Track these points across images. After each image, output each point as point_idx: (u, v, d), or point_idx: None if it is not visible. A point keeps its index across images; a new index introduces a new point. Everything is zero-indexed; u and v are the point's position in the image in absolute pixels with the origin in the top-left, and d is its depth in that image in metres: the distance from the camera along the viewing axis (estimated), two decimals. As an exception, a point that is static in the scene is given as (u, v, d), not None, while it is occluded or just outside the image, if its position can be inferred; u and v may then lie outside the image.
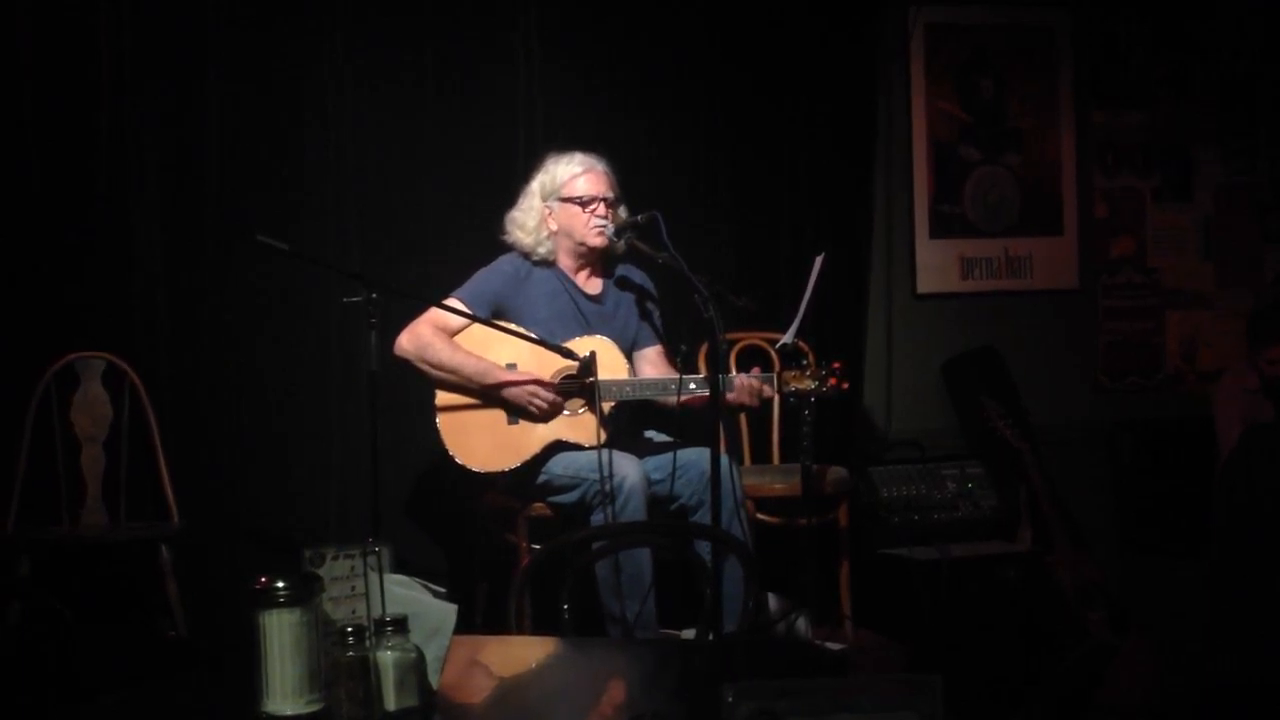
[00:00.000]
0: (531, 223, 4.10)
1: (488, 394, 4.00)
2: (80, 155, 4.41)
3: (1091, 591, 4.15)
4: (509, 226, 4.14)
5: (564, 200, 4.08)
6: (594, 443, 3.88)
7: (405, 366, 4.04)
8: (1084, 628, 4.04)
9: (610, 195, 4.08)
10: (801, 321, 4.10)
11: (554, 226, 4.11)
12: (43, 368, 4.29)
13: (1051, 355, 5.71)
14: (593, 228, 4.05)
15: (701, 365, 4.41)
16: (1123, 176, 5.87)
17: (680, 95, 5.00)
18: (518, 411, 4.00)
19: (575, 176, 4.08)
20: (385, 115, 4.67)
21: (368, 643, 1.96)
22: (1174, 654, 3.92)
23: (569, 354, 3.90)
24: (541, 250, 4.11)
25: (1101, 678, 3.84)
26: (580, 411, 4.01)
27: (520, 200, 4.15)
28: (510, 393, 3.98)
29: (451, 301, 4.03)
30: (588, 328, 4.08)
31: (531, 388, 3.96)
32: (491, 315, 4.04)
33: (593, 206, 4.06)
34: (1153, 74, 5.85)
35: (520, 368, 4.02)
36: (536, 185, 4.13)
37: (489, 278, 4.11)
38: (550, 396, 3.96)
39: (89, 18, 4.39)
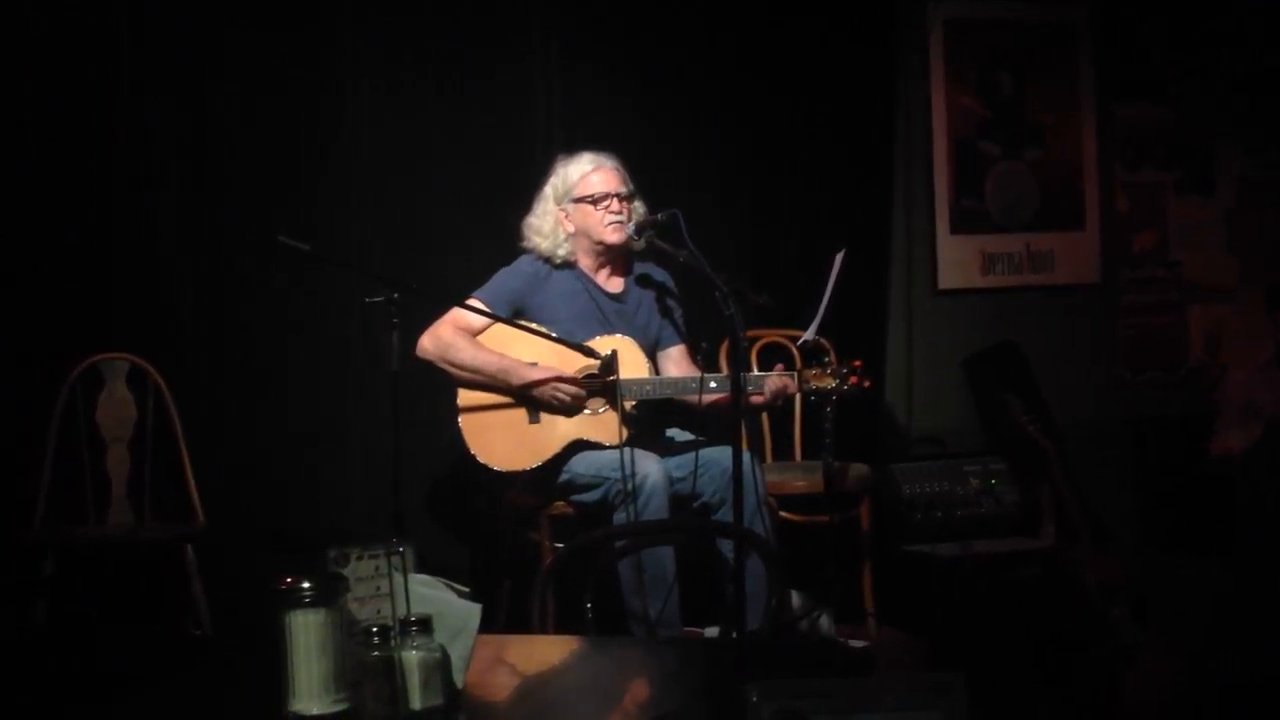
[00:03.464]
0: (548, 227, 4.11)
1: (510, 392, 4.01)
2: (102, 159, 4.43)
3: (1114, 588, 4.13)
4: (527, 233, 4.16)
5: (577, 200, 4.08)
6: (615, 441, 3.89)
7: (428, 367, 4.05)
8: (1107, 625, 4.02)
9: (623, 190, 4.09)
10: (822, 318, 4.09)
11: (571, 228, 4.11)
12: (67, 369, 4.32)
13: (1074, 350, 5.69)
14: (608, 224, 4.06)
15: (723, 363, 4.41)
16: (1144, 170, 5.84)
17: (698, 93, 5.00)
18: (541, 408, 4.01)
19: (586, 175, 4.09)
20: (405, 117, 4.68)
21: (393, 642, 1.97)
22: (1197, 650, 3.91)
23: (590, 352, 3.91)
24: (561, 253, 4.12)
25: (1124, 675, 3.83)
26: (601, 410, 4.01)
27: (535, 206, 4.16)
28: (535, 390, 3.98)
29: (472, 302, 4.04)
30: (608, 327, 4.09)
31: (554, 382, 3.97)
32: (512, 315, 4.05)
33: (606, 203, 4.06)
34: (1173, 67, 5.82)
35: (541, 366, 4.02)
36: (550, 189, 4.14)
37: (509, 278, 4.12)
38: (574, 389, 3.96)
39: (108, 22, 4.41)
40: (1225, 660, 3.67)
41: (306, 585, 1.96)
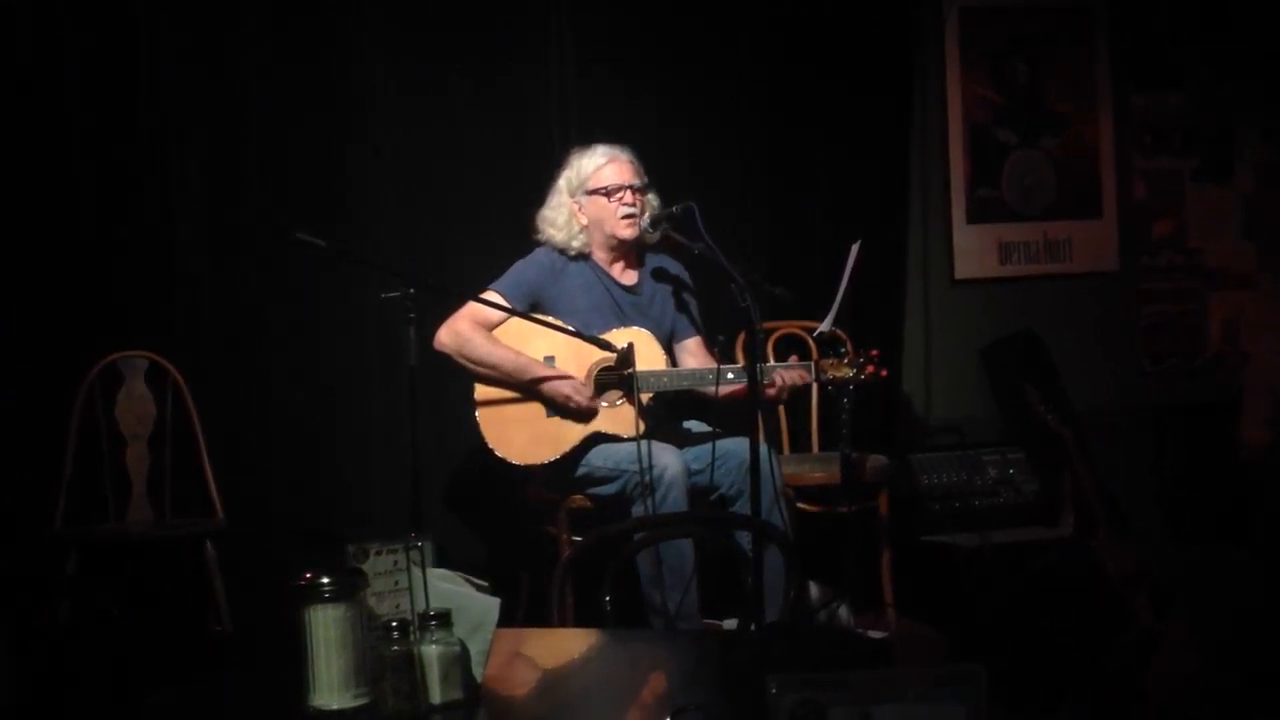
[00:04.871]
0: (562, 219, 4.12)
1: (526, 388, 4.02)
2: (122, 157, 4.45)
3: (1135, 577, 4.12)
4: (541, 225, 4.16)
5: (591, 193, 4.09)
6: (633, 434, 3.89)
7: (445, 360, 4.06)
8: (1128, 613, 4.01)
9: (637, 182, 4.09)
10: (839, 309, 4.09)
11: (584, 220, 4.12)
12: (87, 367, 4.34)
13: (1092, 339, 5.67)
14: (621, 217, 4.06)
15: (739, 355, 4.41)
16: (1161, 158, 5.81)
17: (712, 86, 4.99)
18: (556, 407, 4.02)
19: (600, 168, 4.09)
20: (421, 113, 4.69)
21: (412, 637, 1.98)
22: (1218, 639, 3.89)
23: (607, 346, 3.91)
24: (575, 245, 4.12)
25: (1146, 664, 3.82)
26: (619, 403, 4.01)
27: (549, 198, 4.17)
28: (547, 389, 3.99)
29: (489, 294, 4.04)
30: (624, 319, 4.09)
31: (568, 388, 3.97)
32: (529, 307, 4.05)
33: (619, 195, 4.06)
34: (1190, 54, 5.78)
35: (558, 360, 4.02)
36: (563, 182, 4.14)
37: (526, 269, 4.12)
38: (586, 397, 3.97)
39: (129, 20, 4.43)
40: (1247, 649, 3.66)
41: (326, 580, 1.97)
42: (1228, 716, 3.48)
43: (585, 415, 4.00)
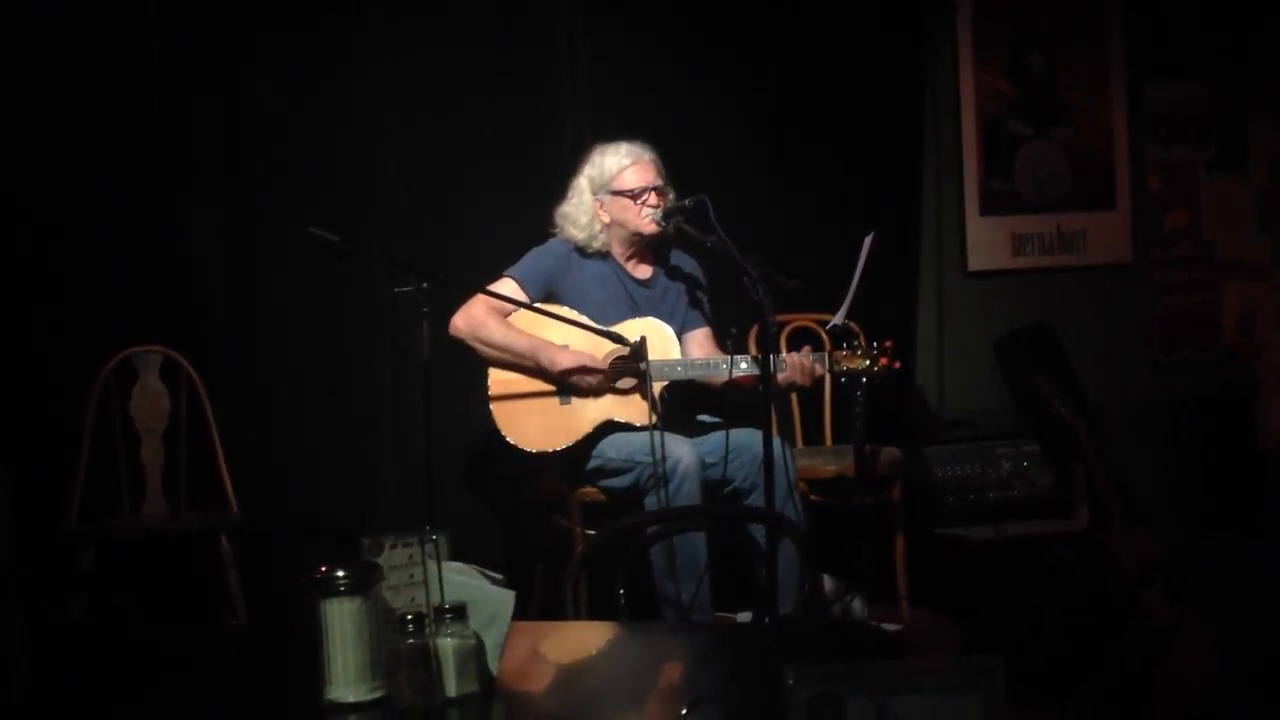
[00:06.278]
0: (584, 218, 4.11)
1: (539, 372, 4.02)
2: (134, 151, 4.45)
3: (1150, 569, 4.11)
4: (560, 221, 4.15)
5: (615, 193, 4.08)
6: (645, 422, 3.89)
7: (459, 346, 4.06)
8: (1143, 606, 4.00)
9: (659, 183, 4.09)
10: (852, 302, 4.09)
11: (606, 219, 4.11)
12: (101, 362, 4.35)
13: (1106, 331, 5.65)
14: (645, 217, 4.06)
15: (752, 347, 4.41)
16: (1176, 149, 5.79)
17: (725, 77, 4.98)
18: (569, 390, 4.02)
19: (624, 169, 4.09)
20: (433, 108, 4.68)
21: (427, 630, 1.98)
22: (1233, 631, 3.89)
23: (619, 339, 3.91)
24: (596, 245, 4.12)
25: (1162, 657, 3.81)
26: (632, 388, 4.01)
27: (569, 195, 4.16)
28: (559, 368, 3.99)
29: (505, 281, 4.05)
30: (638, 311, 4.09)
31: (583, 360, 3.97)
32: (545, 294, 4.06)
33: (644, 197, 4.06)
34: (1205, 45, 5.76)
35: (571, 349, 4.02)
36: (585, 180, 4.13)
37: (542, 256, 4.13)
38: (598, 374, 3.97)
39: (141, 16, 4.43)
40: (1260, 641, 3.65)
41: (342, 574, 1.97)
42: (1240, 710, 3.48)
43: (597, 393, 4.00)
